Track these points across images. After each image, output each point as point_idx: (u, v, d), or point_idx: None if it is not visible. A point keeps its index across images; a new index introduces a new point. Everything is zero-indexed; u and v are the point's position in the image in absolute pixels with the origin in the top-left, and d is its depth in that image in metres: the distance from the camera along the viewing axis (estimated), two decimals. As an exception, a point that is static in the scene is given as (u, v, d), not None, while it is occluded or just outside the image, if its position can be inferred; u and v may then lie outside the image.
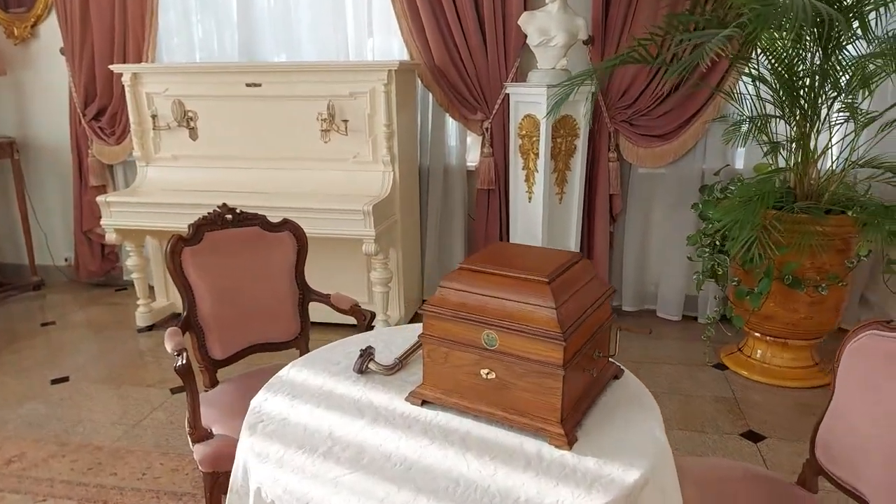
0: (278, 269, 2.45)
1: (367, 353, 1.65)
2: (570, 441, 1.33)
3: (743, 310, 3.21)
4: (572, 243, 3.74)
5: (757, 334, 3.36)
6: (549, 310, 1.33)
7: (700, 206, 3.40)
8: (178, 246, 2.26)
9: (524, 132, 3.57)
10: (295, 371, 1.69)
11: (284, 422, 1.44)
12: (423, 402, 1.51)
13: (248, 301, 2.38)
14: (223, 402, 2.20)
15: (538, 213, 3.61)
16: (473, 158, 4.06)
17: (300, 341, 2.51)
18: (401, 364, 1.68)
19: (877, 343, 1.58)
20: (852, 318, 3.78)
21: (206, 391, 2.31)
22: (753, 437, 2.87)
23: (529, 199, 3.66)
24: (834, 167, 3.03)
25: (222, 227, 2.36)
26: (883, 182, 2.85)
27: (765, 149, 3.24)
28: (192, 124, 3.85)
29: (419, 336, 1.75)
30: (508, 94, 3.68)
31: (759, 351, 3.40)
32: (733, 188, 3.30)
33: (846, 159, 2.97)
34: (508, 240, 3.92)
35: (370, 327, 2.41)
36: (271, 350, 2.47)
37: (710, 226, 3.19)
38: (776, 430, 2.92)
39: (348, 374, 1.66)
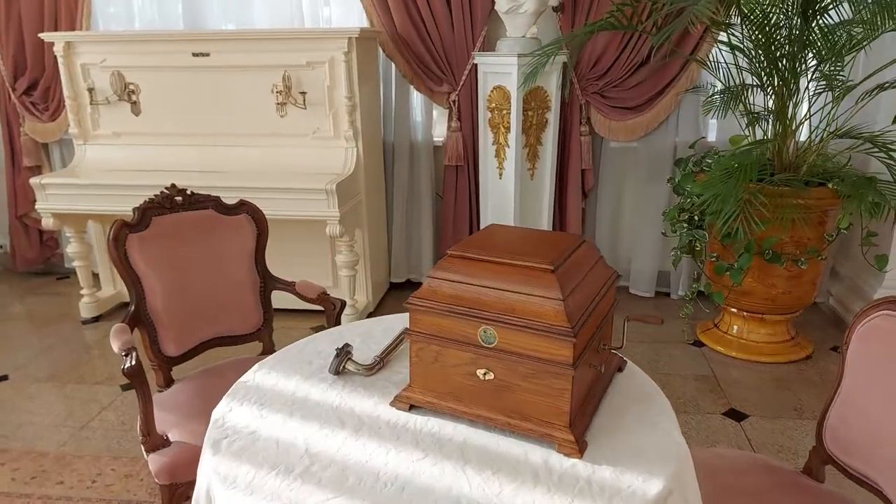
0: (236, 256, 2.24)
1: (343, 352, 1.47)
2: (580, 448, 1.19)
3: (721, 286, 3.14)
4: (545, 221, 3.61)
5: (733, 310, 3.30)
6: (556, 302, 1.18)
7: (676, 180, 3.30)
8: (122, 233, 2.02)
9: (493, 105, 3.40)
10: (262, 374, 1.50)
11: (253, 436, 1.26)
12: (412, 407, 1.34)
13: (203, 291, 2.16)
14: (180, 404, 2.00)
15: (510, 190, 3.46)
16: (440, 133, 3.87)
17: (263, 333, 2.31)
18: (382, 362, 1.51)
19: (891, 324, 1.49)
20: (823, 292, 3.78)
21: (161, 391, 2.09)
22: (736, 415, 2.81)
23: (500, 175, 3.50)
24: (812, 138, 2.95)
25: (172, 211, 2.13)
26: (863, 152, 2.79)
27: (742, 120, 3.14)
28: (133, 98, 3.54)
29: (403, 331, 1.58)
30: (476, 65, 3.49)
31: (735, 326, 3.35)
32: (710, 161, 3.21)
33: (825, 129, 2.90)
34: (478, 219, 3.76)
35: (339, 317, 2.23)
36: (231, 344, 2.27)
37: (688, 200, 3.09)
38: (757, 407, 2.87)
39: (323, 375, 1.48)
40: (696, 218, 3.08)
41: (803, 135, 3.02)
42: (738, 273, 2.92)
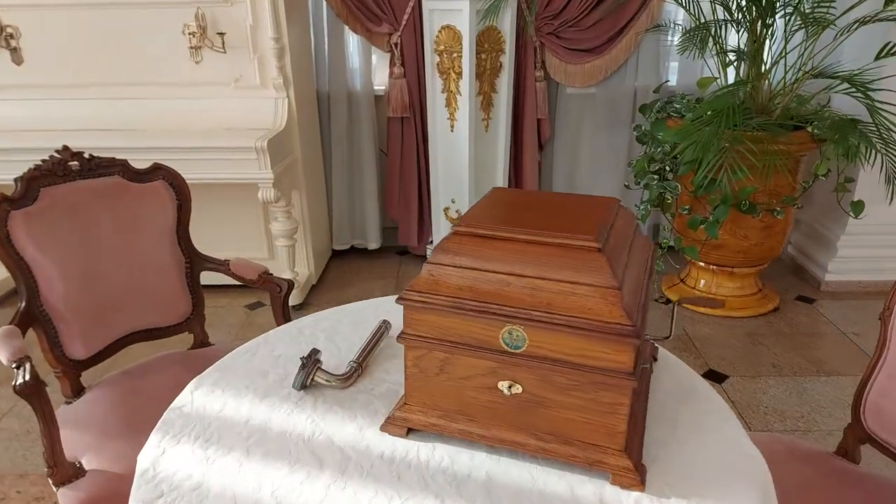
0: (154, 231, 1.83)
1: (311, 361, 1.13)
2: (641, 476, 0.92)
3: (692, 240, 2.95)
4: (500, 177, 3.31)
5: (702, 264, 3.14)
6: (610, 291, 0.88)
7: (643, 127, 3.06)
8: (1, 209, 1.58)
9: (442, 47, 3.02)
10: (202, 394, 1.14)
11: (200, 492, 0.92)
12: (410, 432, 1.03)
13: (115, 278, 1.75)
14: (94, 419, 1.61)
15: (463, 144, 3.12)
16: (381, 81, 3.46)
17: (193, 323, 1.93)
18: (360, 368, 1.18)
19: (948, 288, 1.29)
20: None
21: (68, 403, 1.69)
22: (716, 376, 2.66)
23: (451, 127, 3.16)
24: (787, 78, 2.76)
25: (66, 179, 1.69)
26: (841, 93, 2.62)
27: (711, 61, 2.91)
28: (12, 44, 2.94)
29: (381, 325, 1.25)
30: (420, 1, 3.08)
31: (702, 281, 3.19)
32: (678, 106, 2.98)
33: (800, 69, 2.71)
34: (428, 177, 3.42)
35: (287, 301, 1.88)
36: (155, 338, 1.89)
37: (658, 150, 2.86)
38: (735, 366, 2.73)
39: (285, 392, 1.14)
40: (667, 169, 2.86)
41: (777, 75, 2.82)
42: (713, 226, 2.73)
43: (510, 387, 0.96)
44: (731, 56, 2.76)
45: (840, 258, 3.23)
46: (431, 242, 3.55)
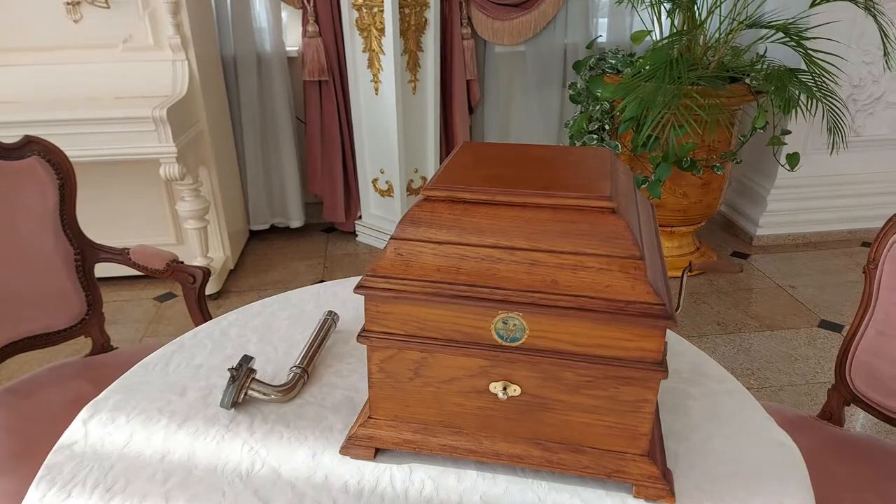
0: (31, 218, 1.51)
1: (243, 371, 0.89)
2: (670, 484, 0.75)
3: (633, 201, 2.85)
4: (431, 144, 3.08)
5: (641, 226, 3.05)
6: (632, 262, 0.69)
7: (578, 85, 2.92)
8: None
9: (361, 1, 2.75)
10: (99, 425, 0.88)
11: (103, 567, 0.67)
12: (378, 452, 0.82)
13: (-17, 281, 1.43)
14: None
15: (390, 108, 2.87)
16: (294, 41, 3.13)
17: (90, 325, 1.63)
18: (305, 374, 0.96)
19: (942, 235, 1.20)
20: (713, 197, 3.68)
21: (-66, 434, 1.37)
22: (665, 341, 2.59)
23: (376, 90, 2.90)
24: (721, 29, 2.68)
25: None
26: (777, 43, 2.55)
27: (643, 14, 2.79)
28: None
29: (327, 316, 1.03)
30: (333, -49, 2.79)
31: (641, 243, 3.12)
32: (612, 62, 2.85)
33: (734, 19, 2.63)
34: (352, 146, 3.15)
35: (203, 292, 1.61)
36: (45, 345, 1.59)
37: (597, 108, 2.72)
38: (681, 327, 2.67)
39: (211, 411, 0.90)
40: (606, 128, 2.73)
41: (713, 27, 2.73)
42: (656, 185, 2.63)
43: (506, 389, 0.76)
44: (667, 6, 2.64)
45: (770, 212, 3.24)
46: (361, 217, 3.29)
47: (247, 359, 0.90)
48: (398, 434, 0.81)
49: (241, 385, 0.88)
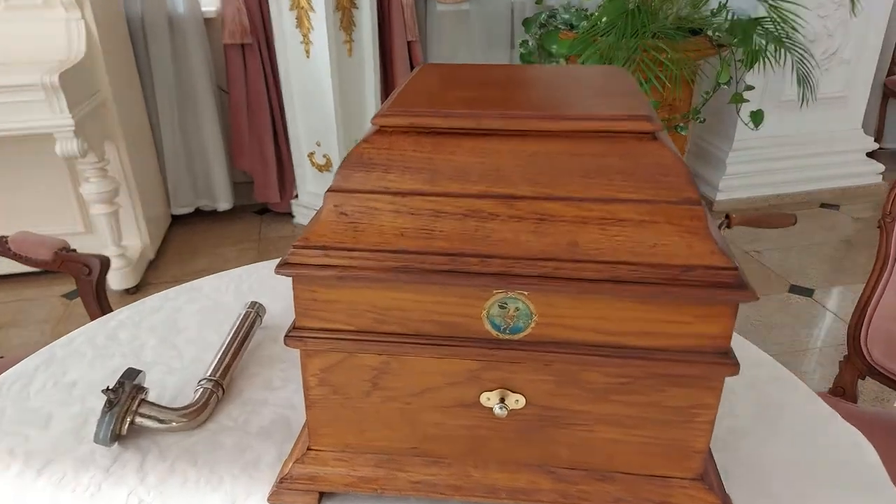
0: None
1: (125, 392, 0.63)
2: (734, 519, 0.55)
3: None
4: (372, 113, 2.81)
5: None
6: (689, 210, 0.48)
7: (529, 43, 2.70)
8: None
9: (285, -48, 2.44)
10: (-82, 481, 0.61)
11: None
12: (324, 498, 0.58)
13: None
14: None
15: (323, 73, 2.58)
16: (211, 0, 2.79)
17: (-38, 333, 1.31)
18: (220, 389, 0.70)
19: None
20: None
21: None
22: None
23: (307, 52, 2.60)
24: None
25: None
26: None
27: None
28: None
29: (250, 310, 0.78)
30: None
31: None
32: (565, 17, 2.64)
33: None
34: (283, 115, 2.85)
35: (102, 284, 1.32)
36: None
37: (552, 65, 2.51)
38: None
39: (84, 449, 0.64)
40: (561, 87, 2.52)
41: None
42: (616, 149, 2.45)
43: (504, 400, 0.53)
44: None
45: (729, 175, 3.12)
46: (297, 197, 3.00)
47: (131, 373, 0.64)
48: (351, 471, 0.57)
49: (124, 411, 0.62)
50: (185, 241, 2.85)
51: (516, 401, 0.54)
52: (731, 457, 0.63)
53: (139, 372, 0.65)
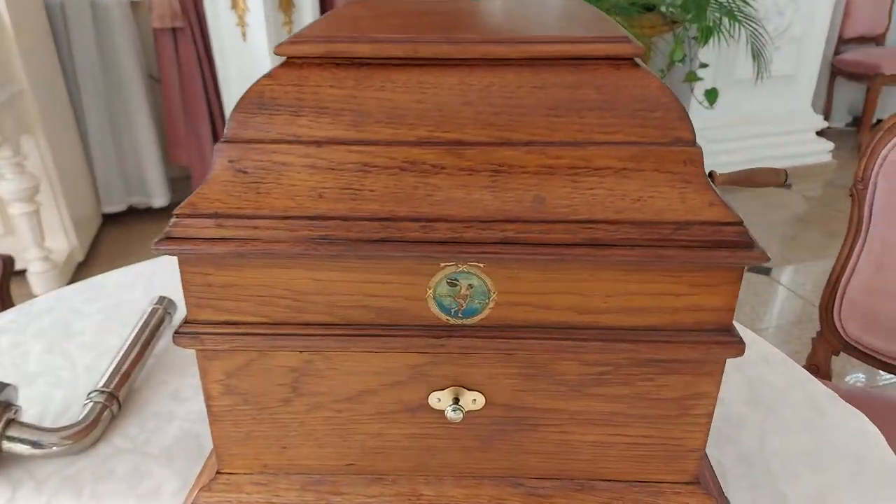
0: None
1: (-10, 412, 0.50)
2: (739, 529, 0.45)
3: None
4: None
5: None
6: (680, 152, 0.38)
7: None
8: None
9: (215, -73, 2.28)
10: None
11: None
12: (241, 532, 0.46)
13: None
14: None
15: (262, 58, 2.43)
16: (137, -19, 2.60)
17: None
18: (116, 402, 0.58)
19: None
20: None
21: None
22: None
23: (243, 35, 2.44)
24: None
25: None
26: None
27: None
28: None
29: (158, 305, 0.66)
30: None
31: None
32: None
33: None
34: (220, 105, 2.68)
35: (6, 287, 1.17)
36: None
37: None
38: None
39: (-63, 490, 0.51)
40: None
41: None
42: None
43: (458, 400, 0.43)
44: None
45: (683, 158, 3.09)
46: (238, 190, 2.83)
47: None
48: (273, 497, 0.46)
49: (-14, 438, 0.49)
50: (118, 241, 2.66)
51: (473, 401, 0.43)
52: (727, 452, 0.54)
53: (6, 385, 0.52)
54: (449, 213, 0.38)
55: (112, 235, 2.69)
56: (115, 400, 0.57)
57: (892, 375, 1.75)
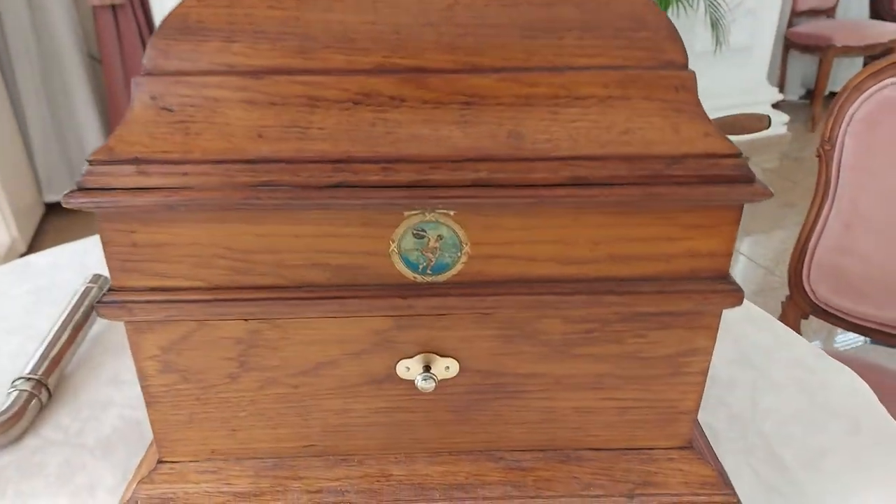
0: None
1: None
2: (732, 491, 0.42)
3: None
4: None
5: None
6: (671, 76, 0.33)
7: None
8: None
9: None
10: None
11: None
12: (188, 529, 0.41)
13: None
14: None
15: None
16: (71, -45, 2.45)
17: None
18: (45, 390, 0.51)
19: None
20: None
21: None
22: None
23: (189, 12, 2.32)
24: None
25: None
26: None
27: None
28: None
29: (91, 285, 0.60)
30: None
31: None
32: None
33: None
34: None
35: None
36: None
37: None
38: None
39: None
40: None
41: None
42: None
43: (429, 368, 0.38)
44: None
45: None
46: (190, 175, 2.71)
47: None
48: (224, 485, 0.41)
49: None
50: (63, 231, 2.52)
51: (446, 368, 0.39)
52: (718, 415, 0.51)
53: None
54: (412, 153, 0.33)
55: (56, 225, 2.55)
56: (44, 388, 0.51)
57: (851, 338, 1.78)
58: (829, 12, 3.35)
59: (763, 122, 0.60)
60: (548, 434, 0.41)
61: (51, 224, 2.56)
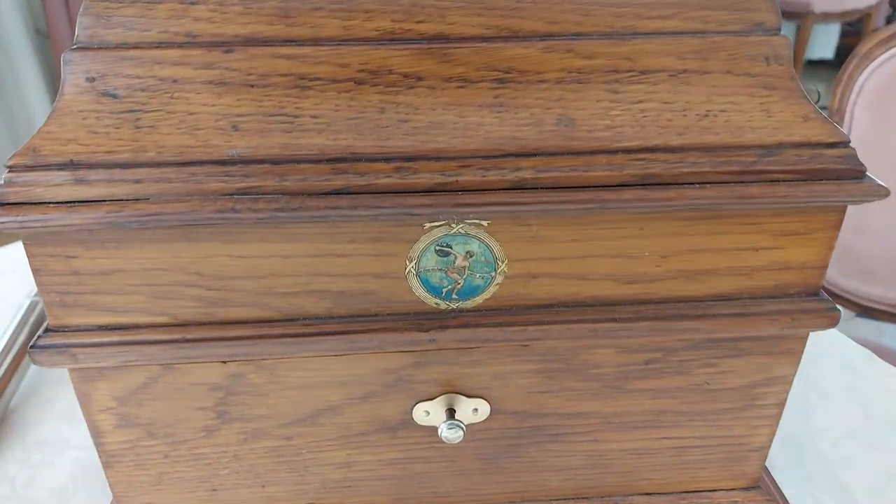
0: None
1: None
2: (810, 538, 0.36)
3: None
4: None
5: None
6: (765, 43, 0.26)
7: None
8: None
9: None
10: None
11: None
12: None
13: None
14: None
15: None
16: (14, -79, 2.28)
17: None
18: (-17, 433, 0.43)
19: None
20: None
21: None
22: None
23: (146, -17, 2.17)
24: None
25: None
26: None
27: None
28: None
29: (34, 301, 0.51)
30: None
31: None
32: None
33: None
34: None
35: None
36: None
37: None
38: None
39: None
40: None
41: None
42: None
43: (453, 412, 0.31)
44: None
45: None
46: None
47: None
48: (203, 559, 0.33)
49: None
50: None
51: (474, 410, 0.31)
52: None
53: None
54: (433, 148, 0.26)
55: (12, 214, 2.41)
56: (-22, 431, 0.42)
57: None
58: (807, -20, 3.30)
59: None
60: (592, 480, 0.35)
61: None
